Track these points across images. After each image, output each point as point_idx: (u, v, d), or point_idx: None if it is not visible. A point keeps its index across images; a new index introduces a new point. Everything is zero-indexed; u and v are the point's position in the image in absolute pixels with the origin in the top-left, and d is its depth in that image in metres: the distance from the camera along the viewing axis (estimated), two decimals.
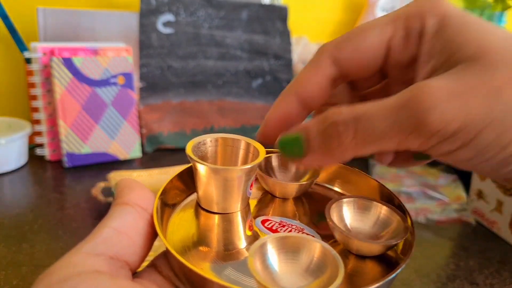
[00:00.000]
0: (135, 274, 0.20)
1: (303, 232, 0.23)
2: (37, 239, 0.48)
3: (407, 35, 0.21)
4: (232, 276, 0.19)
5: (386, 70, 0.24)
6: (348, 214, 0.23)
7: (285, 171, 0.27)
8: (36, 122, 0.69)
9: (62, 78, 0.65)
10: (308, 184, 0.25)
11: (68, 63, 0.65)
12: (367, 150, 0.20)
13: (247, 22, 0.82)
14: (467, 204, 0.61)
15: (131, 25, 0.75)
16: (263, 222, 0.23)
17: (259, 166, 0.23)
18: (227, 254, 0.21)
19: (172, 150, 0.78)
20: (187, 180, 0.25)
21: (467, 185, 0.65)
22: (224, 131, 0.81)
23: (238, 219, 0.23)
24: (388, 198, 0.25)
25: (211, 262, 0.20)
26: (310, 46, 0.90)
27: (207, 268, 0.20)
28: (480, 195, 0.57)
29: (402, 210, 0.23)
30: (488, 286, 0.45)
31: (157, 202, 0.21)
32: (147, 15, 0.75)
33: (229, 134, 0.24)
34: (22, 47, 0.69)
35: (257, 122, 0.84)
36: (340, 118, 0.20)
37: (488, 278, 0.47)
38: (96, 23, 0.73)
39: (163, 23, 0.76)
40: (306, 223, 0.23)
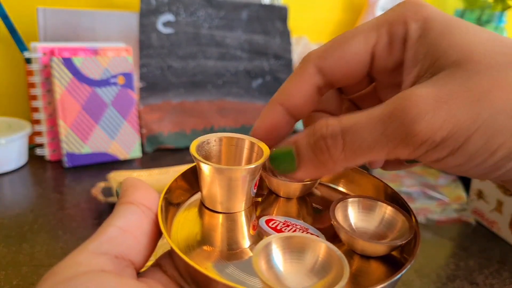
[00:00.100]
0: (139, 273, 0.20)
1: (308, 232, 0.23)
2: (37, 239, 0.48)
3: (391, 41, 0.22)
4: (236, 276, 0.19)
5: (373, 75, 0.24)
6: (352, 214, 0.23)
7: None
8: (36, 122, 0.69)
9: (62, 78, 0.65)
10: (312, 184, 0.25)
11: (68, 63, 0.65)
12: (358, 161, 0.20)
13: (247, 22, 0.82)
14: (467, 204, 0.61)
15: (131, 25, 0.75)
16: (267, 222, 0.23)
17: (263, 165, 0.23)
18: (231, 253, 0.21)
19: (172, 150, 0.78)
20: (192, 179, 0.25)
21: (467, 185, 0.65)
22: (224, 131, 0.81)
23: (242, 219, 0.23)
24: (392, 198, 0.25)
25: (215, 262, 0.20)
26: (310, 46, 0.90)
27: (210, 268, 0.20)
28: (480, 195, 0.58)
29: (407, 210, 0.23)
30: (488, 286, 0.45)
31: (161, 201, 0.21)
32: (147, 15, 0.74)
33: (233, 134, 0.24)
34: (22, 47, 0.69)
35: None
36: (328, 131, 0.20)
37: (488, 278, 0.47)
38: (96, 23, 0.72)
39: (163, 23, 0.76)
40: (310, 223, 0.23)
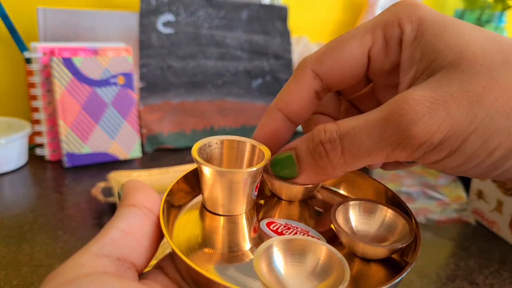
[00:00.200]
0: (141, 275, 0.20)
1: (309, 235, 0.23)
2: (37, 239, 0.48)
3: (386, 43, 0.21)
4: (237, 278, 0.19)
5: (370, 77, 0.24)
6: (353, 217, 0.23)
7: None
8: (36, 122, 0.69)
9: (62, 78, 0.65)
10: (314, 187, 0.25)
11: (68, 63, 0.65)
12: (357, 165, 0.20)
13: (247, 22, 0.82)
14: (467, 204, 0.61)
15: (131, 25, 0.74)
16: (269, 225, 0.23)
17: (265, 168, 0.23)
18: (232, 256, 0.21)
19: (172, 150, 0.78)
20: (193, 181, 0.25)
21: (467, 185, 0.65)
22: (224, 131, 0.81)
23: (243, 221, 0.23)
24: (393, 201, 0.25)
25: (216, 264, 0.20)
26: (310, 46, 0.90)
27: (212, 270, 0.20)
28: (480, 195, 0.58)
29: (407, 213, 0.23)
30: (488, 286, 0.45)
31: (163, 203, 0.21)
32: (147, 15, 0.74)
33: (234, 136, 0.24)
34: (22, 47, 0.69)
35: (257, 122, 0.84)
36: (326, 137, 0.20)
37: (488, 278, 0.47)
38: (96, 23, 0.72)
39: (163, 23, 0.76)
40: (311, 226, 0.23)
